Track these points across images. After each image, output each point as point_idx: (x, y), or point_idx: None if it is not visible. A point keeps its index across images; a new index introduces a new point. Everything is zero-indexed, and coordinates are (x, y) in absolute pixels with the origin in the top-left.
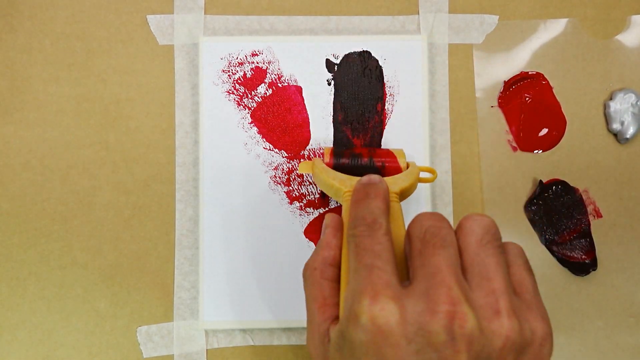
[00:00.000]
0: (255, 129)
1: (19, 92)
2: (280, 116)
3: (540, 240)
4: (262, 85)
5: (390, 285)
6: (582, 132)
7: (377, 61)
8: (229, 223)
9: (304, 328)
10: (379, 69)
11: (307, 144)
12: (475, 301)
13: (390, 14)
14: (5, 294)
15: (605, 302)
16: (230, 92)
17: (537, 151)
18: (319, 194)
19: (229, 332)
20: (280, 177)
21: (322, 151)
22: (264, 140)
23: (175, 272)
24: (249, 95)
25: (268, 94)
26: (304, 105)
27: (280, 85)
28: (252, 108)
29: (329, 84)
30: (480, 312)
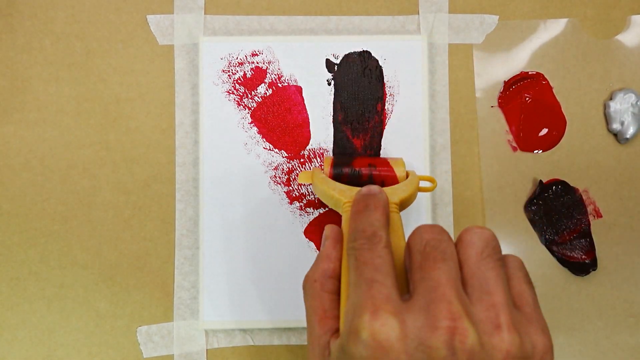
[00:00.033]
0: (255, 129)
1: (19, 92)
2: (280, 116)
3: (540, 240)
4: (262, 85)
5: (391, 299)
6: (582, 132)
7: (377, 61)
8: (229, 223)
9: (304, 328)
10: (379, 69)
11: (307, 144)
12: (475, 315)
13: (390, 14)
14: (5, 294)
15: (605, 302)
16: (230, 92)
17: (537, 151)
18: None
19: (229, 332)
20: (280, 177)
21: (322, 151)
22: (264, 140)
23: (175, 272)
24: (249, 95)
25: (268, 94)
26: (304, 105)
27: (280, 85)
28: (252, 108)
29: (329, 84)
30: (480, 326)
